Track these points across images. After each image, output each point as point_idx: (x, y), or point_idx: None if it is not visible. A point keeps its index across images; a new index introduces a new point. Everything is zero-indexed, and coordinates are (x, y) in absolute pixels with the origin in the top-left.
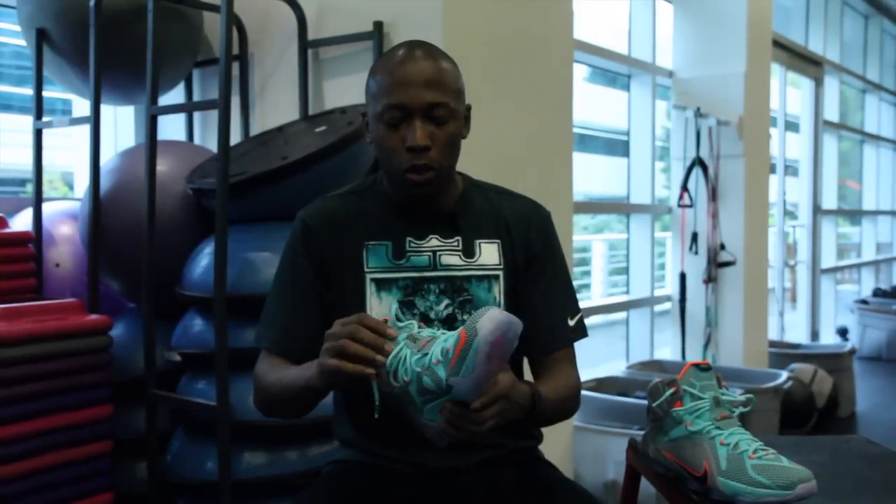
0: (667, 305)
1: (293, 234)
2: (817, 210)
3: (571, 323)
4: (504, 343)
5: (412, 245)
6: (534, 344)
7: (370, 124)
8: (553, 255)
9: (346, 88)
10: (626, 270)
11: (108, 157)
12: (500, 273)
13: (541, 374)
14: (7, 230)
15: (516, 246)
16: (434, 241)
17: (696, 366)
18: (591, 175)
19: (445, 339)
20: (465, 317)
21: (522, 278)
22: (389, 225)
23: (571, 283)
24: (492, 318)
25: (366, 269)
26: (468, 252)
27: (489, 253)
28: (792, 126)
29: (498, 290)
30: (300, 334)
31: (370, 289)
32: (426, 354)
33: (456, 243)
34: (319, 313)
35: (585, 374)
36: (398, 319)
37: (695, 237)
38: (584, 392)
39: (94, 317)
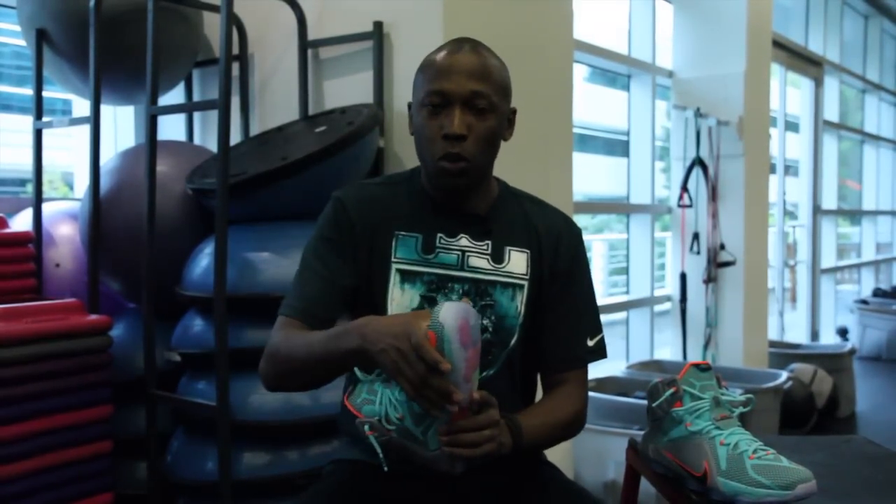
0: (667, 305)
1: (327, 211)
2: (817, 210)
3: (591, 343)
4: (469, 329)
5: (442, 241)
6: (548, 360)
7: (413, 113)
8: (580, 272)
9: (346, 88)
10: (626, 270)
11: (108, 157)
12: (526, 283)
13: (548, 391)
14: (7, 230)
15: (545, 258)
16: (464, 241)
17: (696, 366)
18: (591, 175)
19: None
20: (485, 321)
21: (547, 292)
22: (422, 218)
23: (595, 303)
24: (449, 308)
25: (393, 259)
26: (497, 257)
27: (518, 261)
28: (792, 126)
29: (521, 299)
30: (328, 304)
31: (394, 279)
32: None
33: (486, 247)
34: (349, 287)
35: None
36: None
37: (696, 237)
38: None
39: (94, 317)
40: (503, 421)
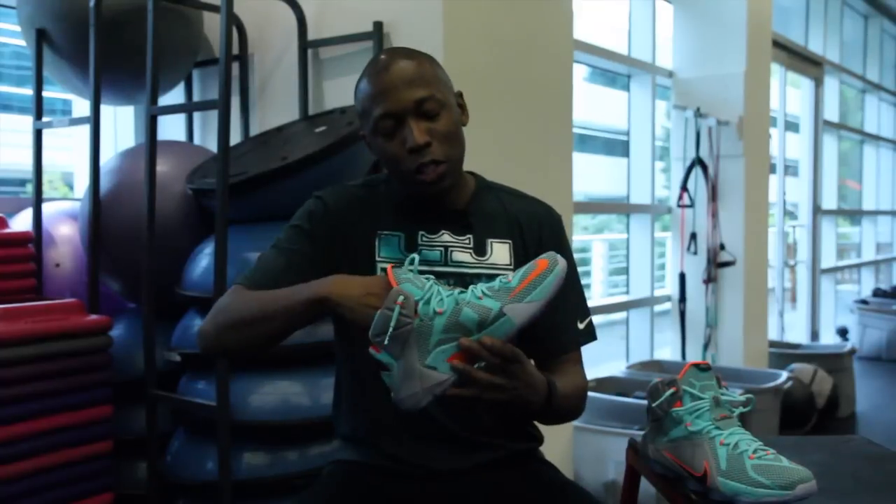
0: (667, 305)
1: (306, 207)
2: (817, 210)
3: (581, 326)
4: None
5: (424, 239)
6: (543, 346)
7: (369, 141)
8: (565, 259)
9: (346, 88)
10: (626, 270)
11: (108, 157)
12: (511, 273)
13: (550, 374)
14: (7, 230)
15: (528, 247)
16: (446, 237)
17: (696, 366)
18: (591, 175)
19: (500, 279)
20: None
21: None
22: (402, 217)
23: (581, 287)
24: (562, 259)
25: (377, 258)
26: (479, 250)
27: (500, 252)
28: (792, 126)
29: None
30: (291, 279)
31: None
32: (463, 292)
33: (467, 241)
34: (316, 271)
35: (585, 374)
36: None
37: (693, 237)
38: None
39: (94, 317)
40: (543, 377)
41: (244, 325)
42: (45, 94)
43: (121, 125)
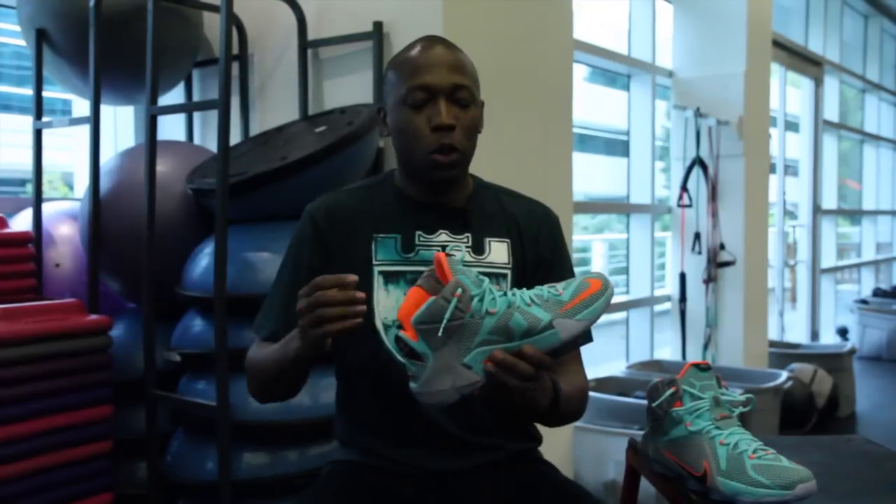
0: (667, 305)
1: (299, 227)
2: (817, 210)
3: None
4: None
5: (422, 239)
6: None
7: (390, 114)
8: (562, 258)
9: (346, 88)
10: (626, 270)
11: (108, 157)
12: (509, 272)
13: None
14: (7, 230)
15: (526, 246)
16: (444, 237)
17: (696, 366)
18: (591, 175)
19: (548, 288)
20: None
21: (530, 280)
22: (399, 218)
23: None
24: (612, 283)
25: (374, 262)
26: (478, 249)
27: (499, 251)
28: (792, 126)
29: (506, 288)
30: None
31: (378, 281)
32: (514, 294)
33: (466, 240)
34: None
35: (586, 373)
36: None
37: (697, 237)
38: None
39: (94, 317)
40: (550, 380)
41: (269, 387)
42: (45, 94)
43: (121, 125)
